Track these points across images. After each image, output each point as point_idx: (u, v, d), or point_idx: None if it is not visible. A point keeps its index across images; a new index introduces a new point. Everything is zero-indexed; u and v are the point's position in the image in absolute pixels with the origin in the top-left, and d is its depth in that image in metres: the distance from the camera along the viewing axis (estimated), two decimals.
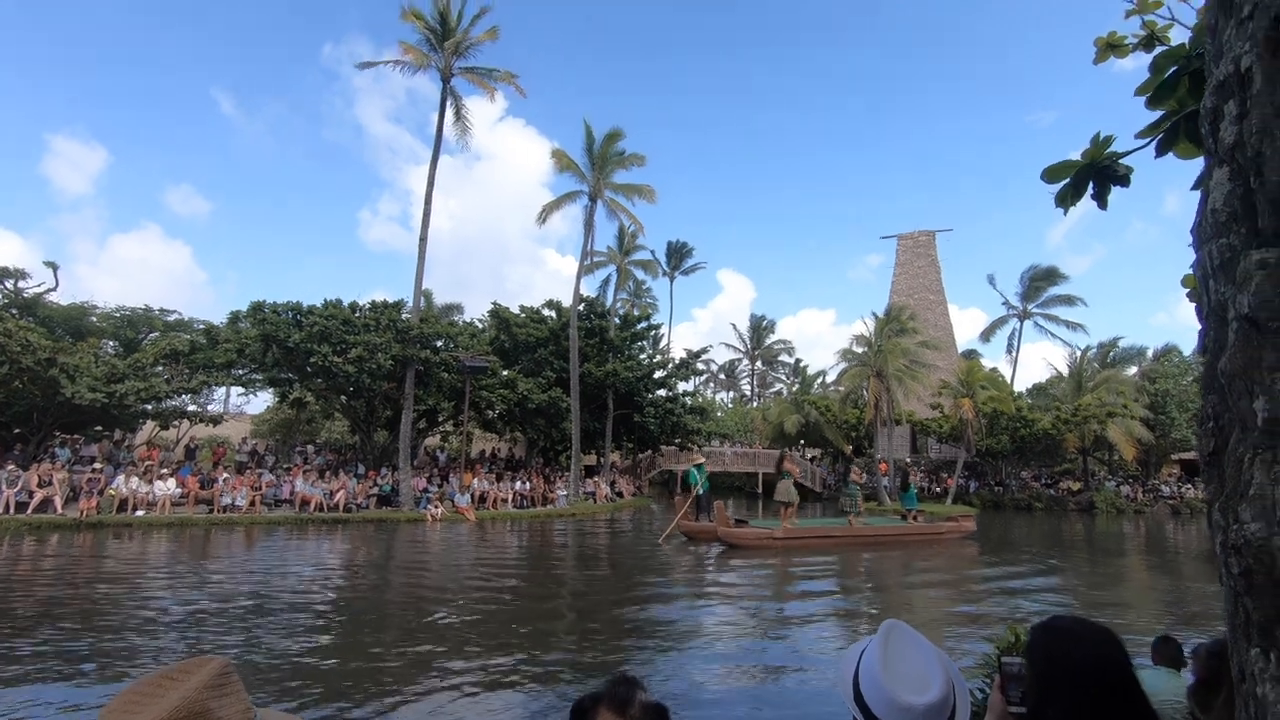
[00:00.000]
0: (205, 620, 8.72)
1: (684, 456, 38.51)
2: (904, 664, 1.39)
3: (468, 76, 25.26)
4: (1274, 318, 0.79)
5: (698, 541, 17.87)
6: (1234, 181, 0.91)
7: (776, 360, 71.50)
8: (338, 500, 21.10)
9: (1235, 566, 0.81)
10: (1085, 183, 2.17)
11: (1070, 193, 2.17)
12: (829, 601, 11.62)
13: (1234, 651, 0.89)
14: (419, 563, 14.41)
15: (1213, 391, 0.94)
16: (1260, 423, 0.81)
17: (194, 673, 1.10)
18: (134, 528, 17.30)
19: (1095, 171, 2.14)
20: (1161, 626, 9.10)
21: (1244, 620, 0.84)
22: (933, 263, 48.04)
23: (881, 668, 1.37)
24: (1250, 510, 0.79)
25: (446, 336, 27.08)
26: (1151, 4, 2.20)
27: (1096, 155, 2.13)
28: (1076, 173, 2.15)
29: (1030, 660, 1.45)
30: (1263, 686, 0.79)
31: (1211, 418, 0.94)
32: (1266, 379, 0.79)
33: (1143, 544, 22.06)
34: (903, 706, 1.32)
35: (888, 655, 1.40)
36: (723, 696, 6.67)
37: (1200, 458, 1.02)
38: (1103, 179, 2.15)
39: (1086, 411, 31.97)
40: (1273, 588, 0.77)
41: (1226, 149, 0.92)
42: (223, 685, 1.10)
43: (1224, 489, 0.87)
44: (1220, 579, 0.93)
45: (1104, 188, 2.16)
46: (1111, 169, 2.13)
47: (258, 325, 23.42)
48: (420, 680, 6.78)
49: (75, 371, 20.86)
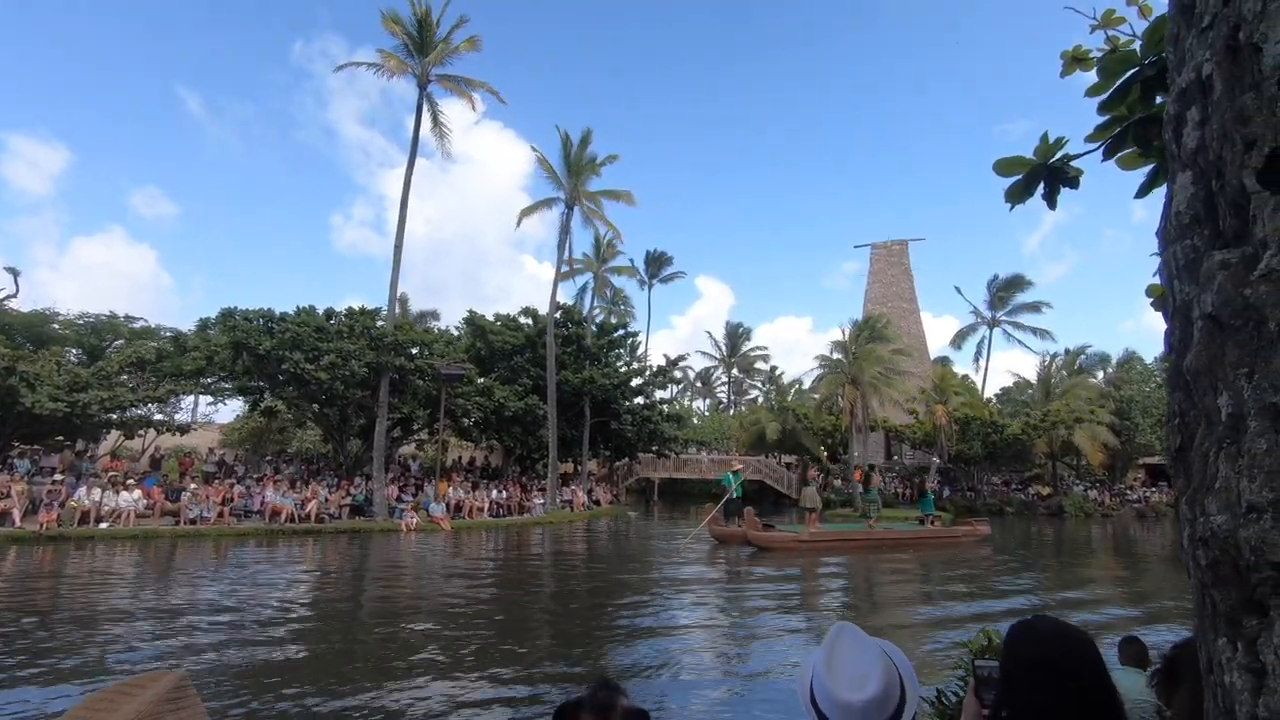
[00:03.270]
0: (166, 636, 8.48)
1: (660, 464, 38.58)
2: (846, 663, 1.43)
3: (445, 84, 25.16)
4: (1236, 316, 0.81)
5: (727, 545, 18.71)
6: (1196, 185, 0.93)
7: (752, 368, 71.88)
8: (310, 510, 20.71)
9: (1203, 559, 0.84)
10: (1036, 181, 2.20)
11: (1021, 190, 2.20)
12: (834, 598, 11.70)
13: (1202, 643, 0.91)
14: (392, 574, 14.20)
15: (1178, 389, 0.97)
16: (1224, 418, 0.83)
17: (149, 686, 1.07)
18: (96, 540, 16.80)
19: (1047, 171, 2.18)
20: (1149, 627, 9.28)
21: (1211, 611, 0.86)
22: (906, 271, 48.78)
23: (825, 668, 1.42)
24: (1216, 503, 0.81)
25: (422, 344, 26.82)
26: (1114, 19, 2.27)
27: (1047, 154, 2.17)
28: (1028, 172, 2.18)
29: (1003, 662, 1.46)
30: (1230, 675, 0.81)
31: (1178, 415, 0.97)
32: (1230, 375, 0.81)
33: (1144, 545, 22.69)
34: (842, 704, 1.37)
35: (832, 656, 1.45)
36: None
37: (1168, 454, 1.04)
38: (1053, 179, 2.19)
39: (1055, 417, 32.65)
40: (1238, 578, 0.79)
41: (1189, 154, 0.95)
42: (178, 700, 1.06)
43: (1191, 484, 0.89)
44: (1187, 573, 0.95)
45: (1054, 188, 2.18)
46: (1063, 170, 2.17)
47: (228, 332, 22.98)
48: (392, 694, 6.67)
49: (36, 380, 20.27)
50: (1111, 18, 2.29)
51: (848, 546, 18.70)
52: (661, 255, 58.06)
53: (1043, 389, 38.41)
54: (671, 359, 39.29)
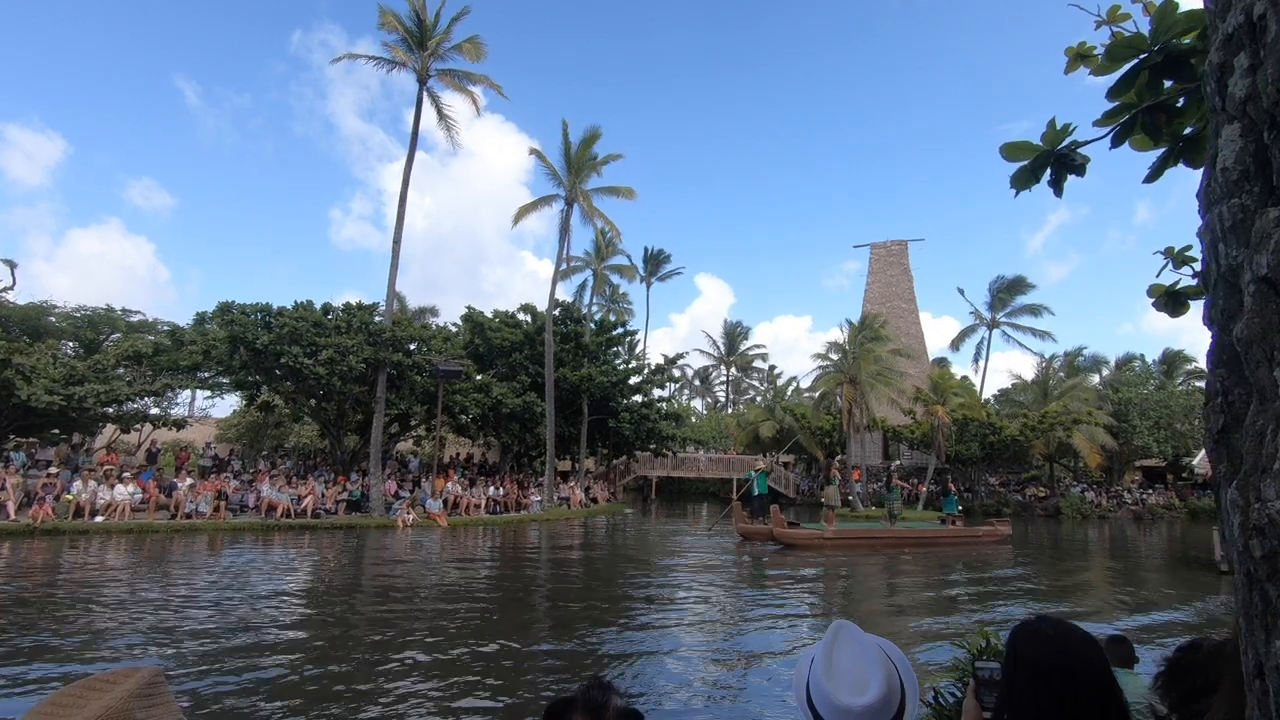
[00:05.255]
0: (151, 630, 8.38)
1: (658, 462, 38.58)
2: (846, 665, 1.40)
3: (445, 79, 25.03)
4: None
5: (752, 540, 19.50)
6: (1245, 138, 0.85)
7: (751, 367, 71.82)
8: (306, 506, 20.63)
9: (1257, 549, 0.75)
10: (1043, 168, 2.16)
11: (1027, 175, 2.15)
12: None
13: (1248, 644, 0.82)
14: (388, 570, 14.10)
15: (1222, 365, 0.88)
16: None
17: (121, 681, 1.04)
18: (91, 534, 16.71)
19: (1054, 158, 2.14)
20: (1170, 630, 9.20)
21: (1263, 608, 0.77)
22: (905, 272, 48.73)
23: (824, 670, 1.39)
24: (1275, 486, 0.72)
25: (420, 340, 26.73)
26: (1120, 16, 2.22)
27: (1055, 140, 2.13)
28: (1035, 158, 2.14)
29: (1005, 663, 1.44)
30: None
31: (1220, 393, 0.88)
32: None
33: (1149, 546, 22.70)
34: (842, 708, 1.33)
35: (831, 658, 1.41)
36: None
37: (1208, 437, 0.95)
38: (1060, 166, 2.14)
39: (1053, 419, 32.61)
40: None
41: (1237, 104, 0.86)
42: (151, 695, 1.04)
43: (1240, 467, 0.81)
44: (1230, 567, 0.86)
45: (1060, 175, 2.15)
46: (1069, 157, 2.13)
47: (225, 326, 22.88)
48: (385, 692, 6.58)
49: (31, 373, 20.17)
50: (1117, 13, 2.23)
51: (870, 544, 19.40)
52: (661, 253, 58.02)
53: (1040, 390, 38.39)
54: (670, 357, 39.22)
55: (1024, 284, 45.22)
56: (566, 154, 28.51)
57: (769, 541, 19.21)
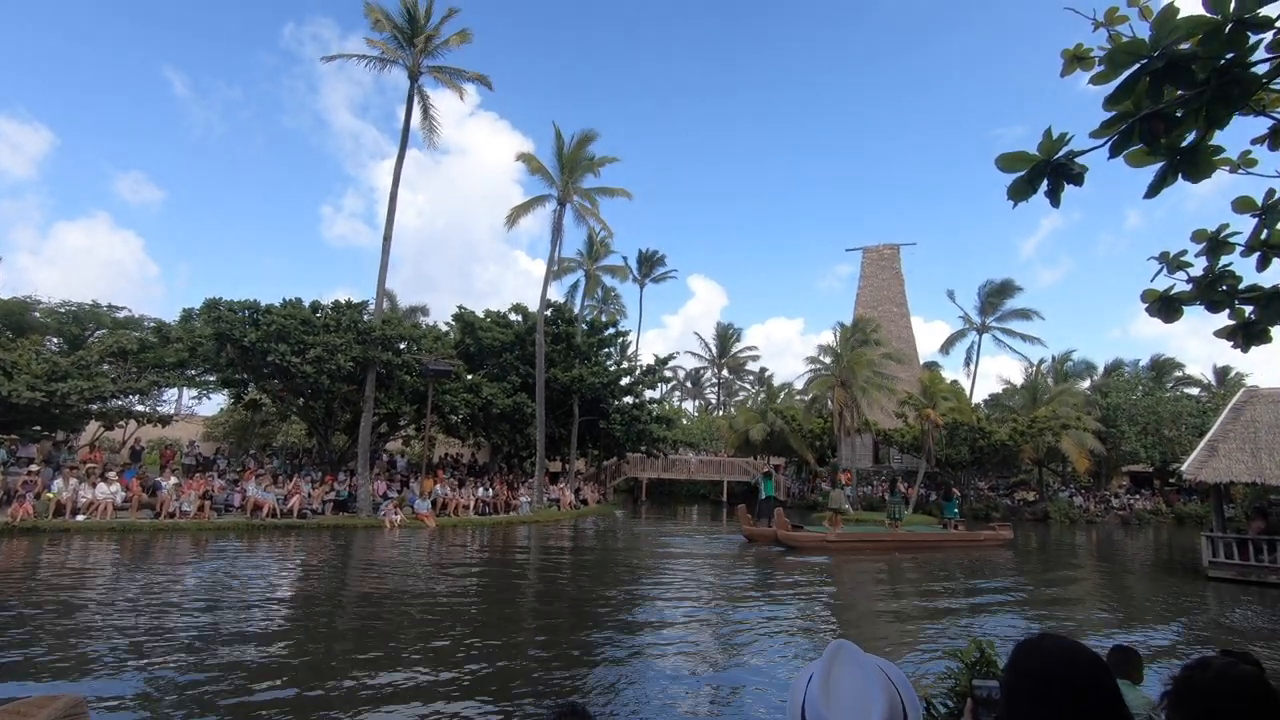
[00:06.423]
0: (133, 638, 8.20)
1: (648, 464, 38.57)
2: (845, 689, 1.32)
3: (437, 75, 24.92)
4: None
5: (756, 542, 19.89)
6: None
7: (742, 369, 71.97)
8: (292, 506, 20.45)
9: None
10: (1040, 177, 2.15)
11: (1025, 186, 2.13)
12: None
13: None
14: (374, 573, 13.97)
15: None
16: None
17: (42, 708, 0.97)
18: (72, 533, 16.48)
19: (1051, 168, 2.12)
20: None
21: None
22: (897, 276, 49.00)
23: (821, 694, 1.31)
24: None
25: (410, 339, 26.58)
26: (1117, 18, 2.20)
27: (1051, 150, 2.11)
28: (1032, 168, 2.12)
29: (1005, 681, 1.38)
30: None
31: None
32: None
33: (1134, 550, 22.74)
34: None
35: (829, 680, 1.34)
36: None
37: None
38: (1057, 176, 2.12)
39: (1042, 424, 32.84)
40: None
41: None
42: None
43: None
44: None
45: (1058, 185, 2.14)
46: (1066, 167, 2.11)
47: (212, 323, 22.66)
48: (368, 705, 6.48)
49: (13, 368, 19.92)
50: (1115, 15, 2.20)
51: (873, 547, 19.68)
52: (654, 255, 58.02)
53: (1029, 395, 38.64)
54: (661, 358, 39.23)
55: (1012, 287, 45.57)
56: (559, 155, 28.45)
57: (773, 544, 19.55)
